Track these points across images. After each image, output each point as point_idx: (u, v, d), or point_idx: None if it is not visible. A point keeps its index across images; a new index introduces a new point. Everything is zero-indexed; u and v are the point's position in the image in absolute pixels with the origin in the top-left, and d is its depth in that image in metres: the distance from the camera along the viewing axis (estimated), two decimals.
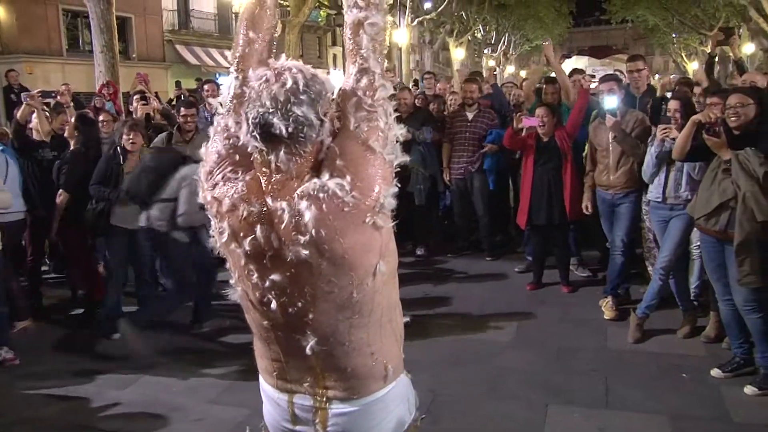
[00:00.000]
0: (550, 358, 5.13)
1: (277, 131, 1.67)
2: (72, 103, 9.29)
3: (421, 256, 7.97)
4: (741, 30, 26.97)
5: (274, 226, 1.71)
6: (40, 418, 4.42)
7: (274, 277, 1.75)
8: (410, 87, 10.34)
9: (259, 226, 1.72)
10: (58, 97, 9.17)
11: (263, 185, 1.75)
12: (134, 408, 4.52)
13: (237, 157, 1.83)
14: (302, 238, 1.67)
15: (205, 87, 8.60)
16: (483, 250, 8.01)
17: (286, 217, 1.68)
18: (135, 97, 8.01)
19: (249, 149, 1.76)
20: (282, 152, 1.70)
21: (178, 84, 18.03)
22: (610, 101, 5.68)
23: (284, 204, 1.69)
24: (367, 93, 1.75)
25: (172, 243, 5.33)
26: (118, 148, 5.78)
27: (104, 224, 5.77)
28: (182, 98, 10.09)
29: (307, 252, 1.68)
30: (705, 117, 4.42)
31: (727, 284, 4.54)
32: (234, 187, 1.78)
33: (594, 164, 6.09)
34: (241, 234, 1.75)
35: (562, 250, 6.79)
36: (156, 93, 10.67)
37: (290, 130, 1.67)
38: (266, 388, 2.02)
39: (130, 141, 5.74)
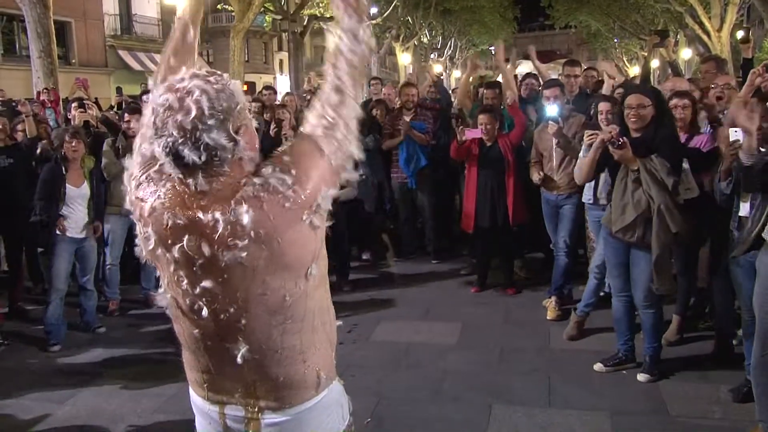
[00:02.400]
0: (493, 359, 5.18)
1: (190, 162, 1.63)
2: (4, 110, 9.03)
3: (366, 260, 7.98)
4: (678, 36, 27.79)
5: (205, 236, 1.68)
6: None
7: (206, 284, 1.72)
8: None
9: (187, 236, 1.69)
10: None
11: (186, 200, 1.70)
12: (75, 422, 4.40)
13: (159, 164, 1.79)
14: (240, 242, 1.65)
15: (144, 97, 8.44)
16: (428, 253, 8.05)
17: (220, 226, 1.65)
18: (73, 104, 7.83)
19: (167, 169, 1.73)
20: (200, 177, 1.68)
21: (119, 90, 17.68)
22: (551, 109, 5.79)
23: (217, 214, 1.66)
24: (334, 108, 1.77)
25: None
26: (59, 156, 5.66)
27: (46, 236, 5.69)
28: (123, 105, 9.94)
29: (243, 254, 1.66)
30: (605, 135, 4.47)
31: (626, 280, 4.69)
32: (157, 192, 1.75)
33: (539, 167, 6.18)
34: (169, 241, 1.71)
35: (506, 252, 6.87)
36: (96, 99, 10.47)
37: (203, 158, 1.63)
38: (197, 400, 1.98)
39: (72, 149, 5.63)
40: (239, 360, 1.79)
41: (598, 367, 4.85)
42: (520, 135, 6.47)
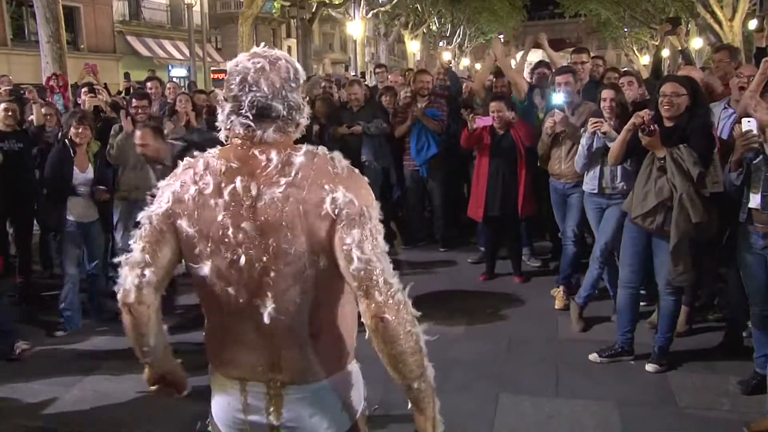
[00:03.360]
0: (500, 349, 5.17)
1: (274, 113, 1.84)
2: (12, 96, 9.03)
3: None
4: (689, 25, 27.57)
5: (255, 176, 1.81)
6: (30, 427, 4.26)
7: (246, 225, 1.80)
8: (359, 80, 10.31)
9: (239, 177, 1.81)
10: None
11: (244, 148, 1.86)
12: (82, 406, 4.43)
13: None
14: (283, 179, 1.78)
15: (148, 84, 8.41)
16: (436, 241, 8.04)
17: (272, 164, 1.81)
18: (83, 90, 7.83)
19: (232, 126, 1.88)
20: (271, 129, 1.86)
21: (127, 76, 17.68)
22: (557, 97, 5.74)
23: (273, 154, 1.83)
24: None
25: None
26: (66, 141, 5.67)
27: (56, 219, 5.72)
28: (131, 90, 9.94)
29: (279, 191, 1.77)
30: (637, 119, 4.44)
31: (637, 271, 4.69)
32: (203, 168, 1.89)
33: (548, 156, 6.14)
34: (222, 184, 1.83)
35: (515, 240, 6.85)
36: (105, 84, 10.46)
37: (284, 113, 1.85)
38: (218, 378, 2.00)
39: (79, 134, 5.64)
40: (266, 319, 1.82)
41: (593, 357, 4.85)
42: (532, 139, 6.39)
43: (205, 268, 1.86)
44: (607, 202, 5.32)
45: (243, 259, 1.82)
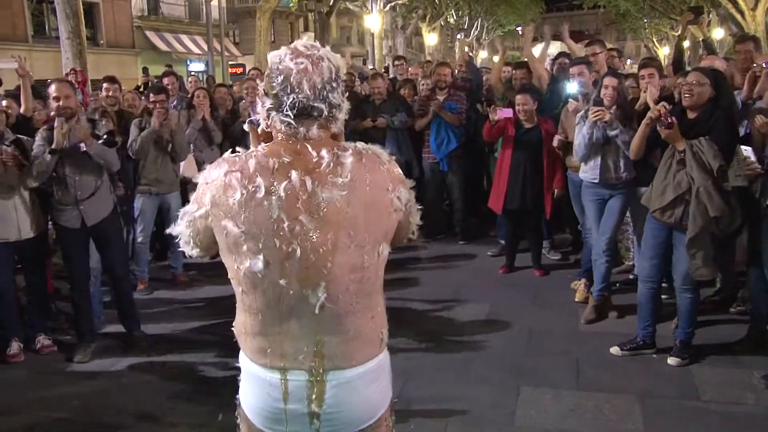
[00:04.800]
0: (521, 341, 5.16)
1: (316, 113, 1.87)
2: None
3: None
4: (711, 15, 27.21)
5: (308, 171, 1.85)
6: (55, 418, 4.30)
7: (303, 218, 1.83)
8: (382, 73, 10.29)
9: (293, 171, 1.84)
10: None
11: (292, 144, 1.90)
12: (106, 396, 4.48)
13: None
14: (339, 180, 1.83)
15: (165, 80, 8.44)
16: (456, 233, 8.02)
17: (324, 162, 1.84)
18: (104, 85, 7.86)
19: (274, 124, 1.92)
20: (315, 127, 1.90)
21: (145, 70, 17.78)
22: (571, 87, 5.71)
23: (324, 152, 1.86)
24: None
25: None
26: None
27: None
28: (149, 85, 9.99)
29: (341, 193, 1.82)
30: (653, 112, 4.39)
31: (657, 265, 4.65)
32: (250, 166, 1.89)
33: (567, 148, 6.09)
34: (275, 182, 1.84)
35: (535, 233, 6.82)
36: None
37: (326, 112, 1.89)
38: (255, 370, 1.99)
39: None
40: (317, 310, 1.87)
41: (614, 350, 4.82)
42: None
43: (258, 262, 1.86)
44: (610, 192, 5.29)
45: (299, 251, 1.84)
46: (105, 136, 5.02)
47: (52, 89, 4.89)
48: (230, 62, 28.76)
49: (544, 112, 6.50)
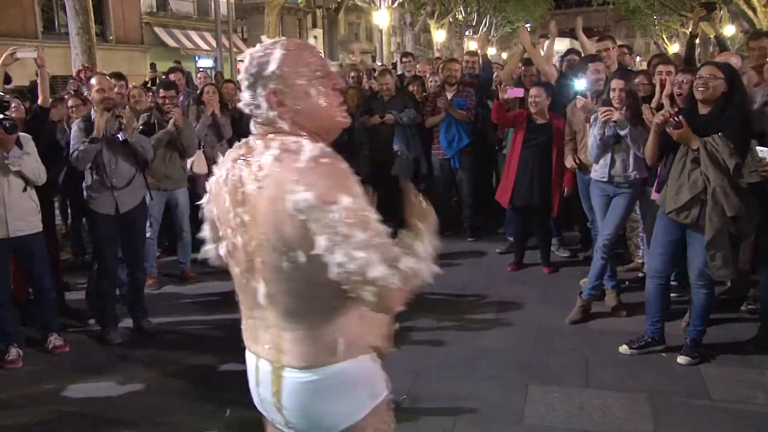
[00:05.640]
0: (529, 339, 5.14)
1: (248, 111, 1.94)
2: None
3: None
4: (722, 12, 27.04)
5: (249, 165, 1.87)
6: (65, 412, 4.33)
7: (239, 210, 1.87)
8: (390, 69, 10.26)
9: (237, 164, 1.91)
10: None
11: (245, 146, 1.95)
12: (116, 392, 4.49)
13: None
14: (260, 174, 1.81)
15: (171, 76, 8.44)
16: (464, 230, 8.01)
17: (256, 152, 1.86)
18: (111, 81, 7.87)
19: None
20: (251, 123, 1.96)
21: (153, 66, 17.79)
22: (580, 83, 5.68)
23: (261, 145, 1.87)
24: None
25: None
26: None
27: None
28: (156, 80, 10.02)
29: (255, 187, 1.81)
30: (660, 117, 4.36)
31: (667, 261, 4.61)
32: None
33: (574, 146, 6.07)
34: (229, 174, 1.93)
35: (543, 230, 6.80)
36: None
37: (247, 111, 1.94)
38: (246, 353, 2.06)
39: None
40: (262, 301, 1.88)
41: (623, 349, 4.79)
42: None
43: (222, 248, 2.01)
44: (615, 190, 5.27)
45: (240, 242, 1.90)
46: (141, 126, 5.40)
47: (94, 82, 5.26)
48: (239, 58, 28.75)
49: (552, 109, 6.47)
